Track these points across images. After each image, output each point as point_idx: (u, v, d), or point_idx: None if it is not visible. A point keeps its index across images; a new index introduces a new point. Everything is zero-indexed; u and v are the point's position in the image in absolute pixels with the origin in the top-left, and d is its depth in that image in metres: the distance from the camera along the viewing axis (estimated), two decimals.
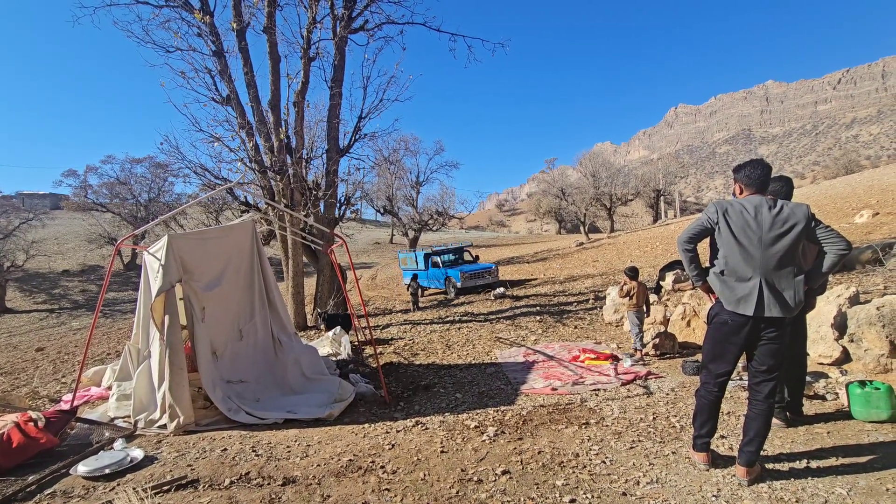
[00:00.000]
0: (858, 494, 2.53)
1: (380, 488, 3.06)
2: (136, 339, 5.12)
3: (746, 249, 2.70)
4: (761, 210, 2.70)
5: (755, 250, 2.69)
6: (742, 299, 2.71)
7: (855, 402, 3.50)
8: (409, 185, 30.17)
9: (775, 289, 2.68)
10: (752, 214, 2.71)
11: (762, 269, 2.69)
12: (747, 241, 2.70)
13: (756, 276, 2.69)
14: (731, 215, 2.75)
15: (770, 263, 2.68)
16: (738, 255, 2.72)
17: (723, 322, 2.80)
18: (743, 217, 2.72)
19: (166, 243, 4.59)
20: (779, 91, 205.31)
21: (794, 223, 2.66)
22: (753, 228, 2.69)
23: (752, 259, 2.70)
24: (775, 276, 2.69)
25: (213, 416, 4.59)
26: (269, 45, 9.42)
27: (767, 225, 2.67)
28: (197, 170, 9.80)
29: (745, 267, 2.71)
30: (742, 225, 2.71)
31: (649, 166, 47.96)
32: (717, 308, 2.85)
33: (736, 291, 2.73)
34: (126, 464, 3.52)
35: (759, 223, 2.69)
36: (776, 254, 2.68)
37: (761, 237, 2.68)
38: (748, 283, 2.70)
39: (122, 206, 29.90)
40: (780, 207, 2.70)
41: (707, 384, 2.93)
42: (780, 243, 2.66)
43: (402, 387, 5.57)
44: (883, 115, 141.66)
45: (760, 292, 2.67)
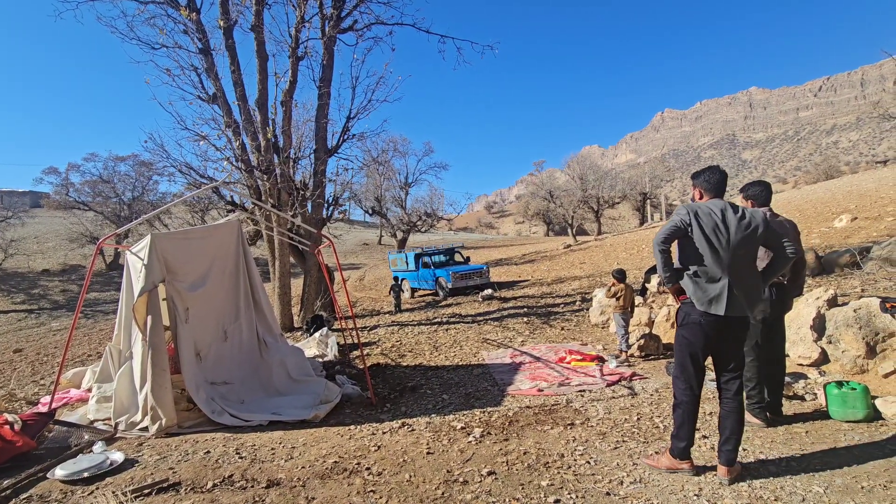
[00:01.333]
0: (835, 492, 2.59)
1: (365, 490, 3.04)
2: (117, 340, 5.02)
3: (717, 251, 2.80)
4: (727, 213, 2.83)
5: (724, 252, 2.80)
6: (714, 300, 2.79)
7: (832, 403, 3.58)
8: (397, 186, 30.07)
9: (741, 289, 2.81)
10: (719, 217, 2.82)
11: (729, 270, 2.80)
12: (717, 243, 2.80)
13: (725, 276, 2.80)
14: (702, 217, 2.84)
15: (736, 265, 2.81)
16: (710, 257, 2.81)
17: (695, 322, 2.86)
18: (712, 219, 2.82)
19: (149, 243, 4.52)
20: (762, 97, 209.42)
21: (756, 226, 2.83)
22: (722, 231, 2.80)
23: (721, 260, 2.80)
24: (740, 277, 2.82)
25: (197, 419, 4.52)
26: (257, 44, 9.35)
27: (734, 228, 2.80)
28: (182, 168, 9.68)
29: (716, 268, 2.81)
30: (712, 227, 2.81)
31: (636, 170, 48.54)
32: (688, 309, 2.91)
33: (708, 292, 2.81)
34: (106, 467, 3.45)
35: (727, 226, 2.81)
36: (742, 256, 2.83)
37: (729, 239, 2.80)
38: (718, 283, 2.80)
39: (104, 204, 29.28)
40: (742, 212, 2.86)
41: (687, 388, 2.94)
42: (746, 246, 2.82)
43: (388, 388, 5.55)
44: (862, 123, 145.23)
45: (730, 292, 2.78)
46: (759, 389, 3.62)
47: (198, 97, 9.25)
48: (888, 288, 5.93)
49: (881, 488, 2.58)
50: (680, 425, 2.93)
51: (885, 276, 6.72)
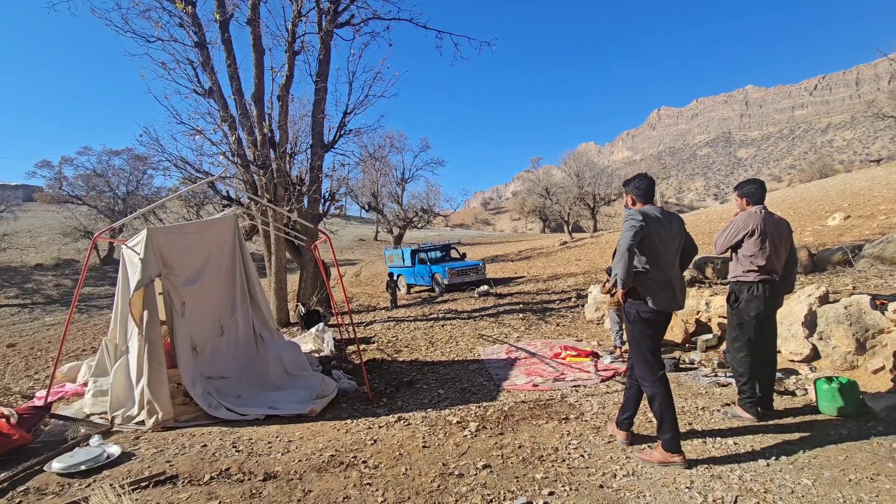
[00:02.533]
0: (823, 485, 2.64)
1: (361, 483, 3.07)
2: (113, 335, 5.02)
3: (664, 252, 3.05)
4: (664, 217, 3.10)
5: (667, 254, 3.07)
6: (665, 297, 3.06)
7: (822, 398, 3.63)
8: (394, 182, 30.04)
9: (678, 285, 3.13)
10: (661, 220, 3.07)
11: (670, 269, 3.09)
12: (662, 245, 3.05)
13: (668, 275, 3.08)
14: (651, 222, 3.03)
15: (674, 264, 3.14)
16: (660, 258, 3.05)
17: (648, 319, 3.08)
18: (660, 224, 3.05)
19: (145, 237, 4.51)
20: (758, 95, 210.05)
21: (682, 227, 3.18)
22: (666, 234, 3.06)
23: (665, 261, 3.06)
24: (676, 274, 3.15)
25: (193, 413, 4.53)
26: (253, 38, 9.30)
27: (675, 230, 3.10)
28: (178, 163, 9.63)
29: (664, 267, 3.06)
30: (659, 230, 3.05)
31: (632, 167, 48.68)
32: (638, 307, 3.09)
33: (659, 291, 3.05)
34: (102, 460, 3.46)
35: (668, 229, 3.07)
36: (676, 255, 3.15)
37: (671, 241, 3.08)
38: (666, 282, 3.07)
39: (98, 198, 29.05)
40: (669, 219, 3.13)
41: (657, 379, 3.07)
42: (678, 245, 3.15)
43: (384, 383, 5.57)
44: (856, 122, 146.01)
45: (674, 290, 3.09)
46: (751, 385, 3.67)
47: (193, 91, 9.19)
48: (879, 286, 6.00)
49: (868, 481, 2.63)
50: (661, 418, 3.03)
51: (877, 274, 6.80)
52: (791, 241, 3.73)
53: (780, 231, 3.64)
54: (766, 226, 3.57)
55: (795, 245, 3.87)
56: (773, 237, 3.58)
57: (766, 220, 3.59)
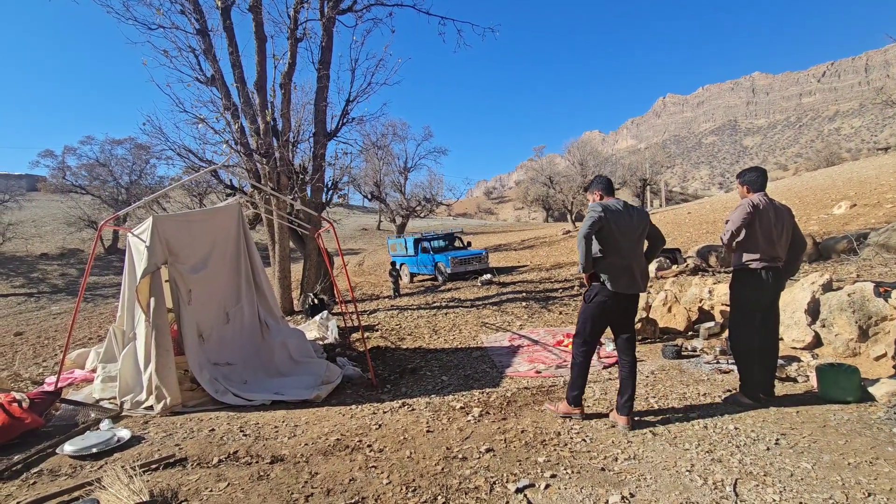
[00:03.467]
0: (822, 468, 2.67)
1: (367, 466, 3.13)
2: (121, 321, 5.08)
3: (624, 241, 3.39)
4: (626, 209, 3.46)
5: (628, 242, 3.41)
6: (622, 281, 3.40)
7: (824, 384, 3.66)
8: (396, 171, 29.93)
9: (639, 270, 3.47)
10: (622, 212, 3.42)
11: (631, 256, 3.43)
12: (623, 235, 3.39)
13: (629, 261, 3.41)
14: (612, 213, 3.39)
15: (635, 251, 3.47)
16: (619, 246, 3.39)
17: (602, 301, 3.45)
18: (620, 215, 3.41)
19: (151, 225, 4.55)
20: (765, 83, 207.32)
21: (645, 218, 3.53)
22: (627, 224, 3.41)
23: (626, 248, 3.40)
24: (638, 260, 3.48)
25: (200, 398, 4.60)
26: (255, 25, 9.23)
27: (633, 220, 3.43)
28: (181, 151, 9.63)
29: (624, 255, 3.40)
30: (620, 222, 3.39)
31: (636, 156, 48.33)
32: (598, 289, 3.47)
33: (618, 275, 3.40)
34: (113, 443, 3.53)
35: (628, 219, 3.42)
36: (638, 244, 3.50)
37: (631, 231, 3.42)
38: (625, 267, 3.41)
39: (102, 188, 29.10)
40: (632, 210, 3.49)
41: (583, 350, 3.58)
42: (640, 235, 3.49)
43: (389, 370, 5.64)
44: (864, 109, 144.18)
45: (633, 274, 3.42)
46: (752, 372, 3.69)
47: (196, 79, 9.16)
48: (884, 274, 5.99)
49: (867, 464, 2.66)
50: (576, 378, 3.62)
51: (881, 262, 6.79)
52: (794, 226, 3.73)
53: (782, 218, 3.65)
54: (766, 213, 3.57)
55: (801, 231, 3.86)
56: (774, 224, 3.59)
57: (766, 207, 3.59)
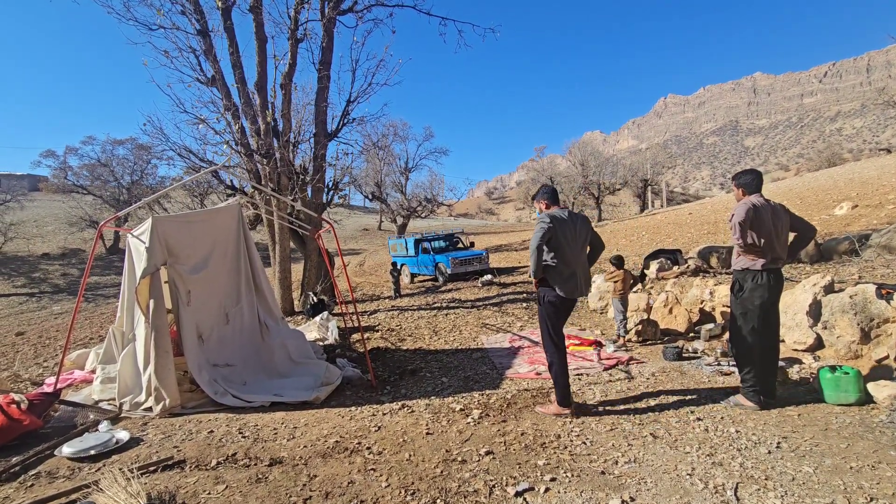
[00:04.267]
0: (824, 472, 2.65)
1: (366, 468, 3.11)
2: (120, 322, 5.07)
3: (570, 249, 3.66)
4: (570, 218, 3.71)
5: (573, 249, 3.68)
6: (569, 286, 3.68)
7: (825, 387, 3.63)
8: (397, 172, 29.96)
9: (583, 275, 3.77)
10: (567, 221, 3.68)
11: (577, 262, 3.70)
12: (568, 243, 3.65)
13: (574, 268, 3.69)
14: (559, 223, 3.64)
15: (580, 258, 3.76)
16: (567, 254, 3.66)
17: (552, 303, 3.73)
18: (565, 224, 3.66)
19: (151, 226, 4.54)
20: (766, 83, 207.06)
21: (588, 227, 3.80)
22: (572, 233, 3.68)
23: (571, 256, 3.67)
24: (583, 267, 3.77)
25: (200, 400, 4.59)
26: (256, 25, 9.23)
27: (577, 228, 3.71)
28: (181, 152, 9.63)
29: (570, 261, 3.68)
30: (566, 230, 3.66)
31: (638, 156, 48.23)
32: (546, 292, 3.73)
33: (566, 280, 3.68)
34: (111, 445, 3.53)
35: (574, 229, 3.69)
36: (582, 251, 3.77)
37: (575, 238, 3.69)
38: (571, 274, 3.69)
39: (103, 188, 29.14)
40: (576, 219, 3.74)
41: (556, 350, 3.78)
42: (583, 241, 3.77)
43: (388, 371, 5.62)
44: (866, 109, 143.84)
45: (578, 280, 3.71)
46: (754, 374, 3.68)
47: (196, 80, 9.15)
48: (886, 275, 5.96)
49: (869, 468, 2.64)
50: (556, 380, 3.78)
51: (883, 263, 6.75)
52: (792, 219, 3.74)
53: (779, 216, 3.66)
54: (765, 214, 3.58)
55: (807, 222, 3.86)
56: (773, 225, 3.60)
57: (764, 208, 3.60)
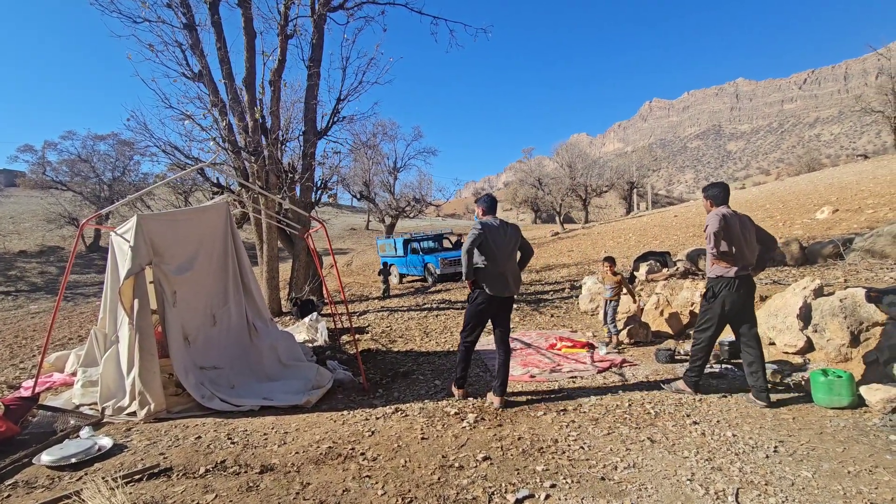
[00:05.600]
0: (823, 477, 2.66)
1: (361, 475, 3.04)
2: (102, 324, 4.90)
3: (500, 253, 4.05)
4: (501, 226, 4.12)
5: (503, 253, 4.06)
6: (497, 285, 4.08)
7: (818, 390, 3.66)
8: (386, 171, 29.73)
9: (512, 277, 4.13)
10: (498, 228, 4.09)
11: (506, 265, 4.09)
12: (496, 247, 4.04)
13: (503, 269, 4.07)
14: (489, 230, 4.06)
15: (509, 261, 4.13)
16: (496, 256, 4.04)
17: (482, 302, 4.13)
18: (496, 231, 4.07)
19: (136, 224, 4.39)
20: (748, 89, 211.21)
21: (516, 232, 4.18)
22: (502, 239, 4.08)
23: (500, 258, 4.05)
24: (511, 268, 4.14)
25: (186, 404, 4.45)
26: (245, 21, 9.04)
27: (509, 236, 4.10)
28: (166, 148, 9.39)
29: (499, 264, 4.06)
30: (496, 237, 4.06)
31: (623, 159, 48.75)
32: (478, 292, 4.13)
33: (494, 281, 4.07)
34: (94, 452, 3.39)
35: (503, 234, 4.09)
36: (511, 255, 4.15)
37: (505, 244, 4.08)
38: (500, 274, 4.07)
39: (83, 184, 28.36)
40: (506, 227, 4.14)
41: (467, 342, 4.30)
42: (512, 247, 4.13)
43: (380, 374, 5.53)
44: (843, 116, 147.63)
45: (507, 280, 4.09)
46: (701, 365, 4.08)
47: (182, 75, 8.94)
48: (870, 279, 6.07)
49: (867, 473, 2.65)
50: (460, 362, 4.38)
51: (867, 267, 6.88)
52: (757, 229, 3.99)
53: (746, 226, 3.93)
54: (734, 224, 3.83)
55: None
56: (741, 233, 3.86)
57: (732, 218, 3.84)
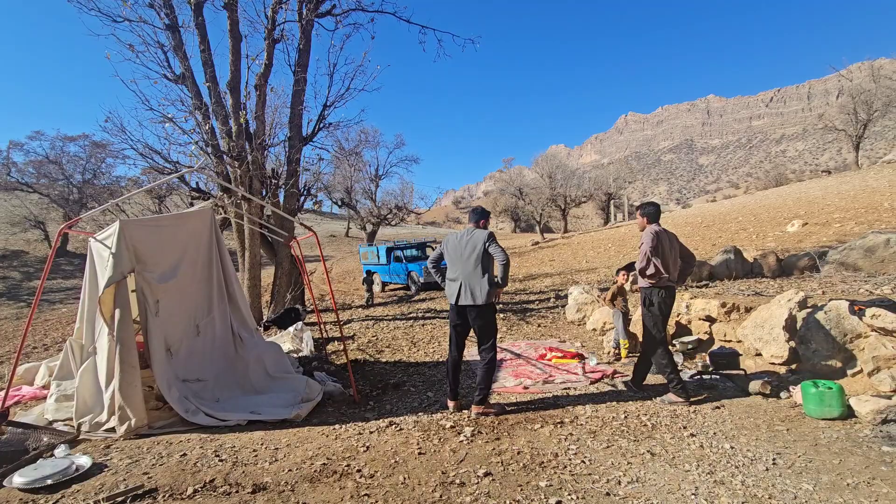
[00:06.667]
0: (823, 489, 2.69)
1: (359, 493, 2.93)
2: (79, 334, 4.65)
3: (455, 262, 4.22)
4: (465, 235, 4.24)
5: (458, 261, 4.19)
6: (450, 291, 4.25)
7: (809, 401, 3.73)
8: (368, 178, 29.54)
9: (466, 285, 4.12)
10: (460, 239, 4.25)
11: (461, 272, 4.16)
12: (452, 256, 4.26)
13: (457, 277, 4.18)
14: (449, 242, 4.35)
15: (465, 268, 4.15)
16: (451, 267, 4.27)
17: (450, 309, 4.36)
18: (455, 241, 4.29)
19: (118, 230, 4.20)
20: (719, 105, 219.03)
21: (476, 244, 4.13)
22: (456, 247, 4.24)
23: (455, 266, 4.21)
24: (469, 277, 4.12)
25: (168, 418, 4.25)
26: (230, 23, 8.87)
27: (463, 245, 4.19)
28: (144, 151, 9.10)
29: (453, 271, 4.24)
30: (454, 247, 4.27)
31: (601, 170, 49.69)
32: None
33: (451, 290, 4.23)
34: (71, 473, 3.18)
35: (461, 244, 4.22)
36: (468, 262, 4.13)
37: (461, 253, 4.18)
38: (453, 280, 4.22)
39: (51, 186, 27.27)
40: (471, 234, 4.20)
41: (450, 353, 4.45)
42: (472, 256, 4.12)
43: (370, 385, 5.41)
44: (807, 134, 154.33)
45: (462, 289, 4.13)
46: (678, 372, 4.31)
47: (164, 76, 8.71)
48: (845, 290, 6.27)
49: (865, 485, 2.70)
50: (446, 375, 4.48)
51: (842, 279, 7.11)
52: (681, 247, 4.50)
53: (673, 243, 4.40)
54: (665, 240, 4.31)
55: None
56: (669, 249, 4.33)
57: (663, 235, 4.32)
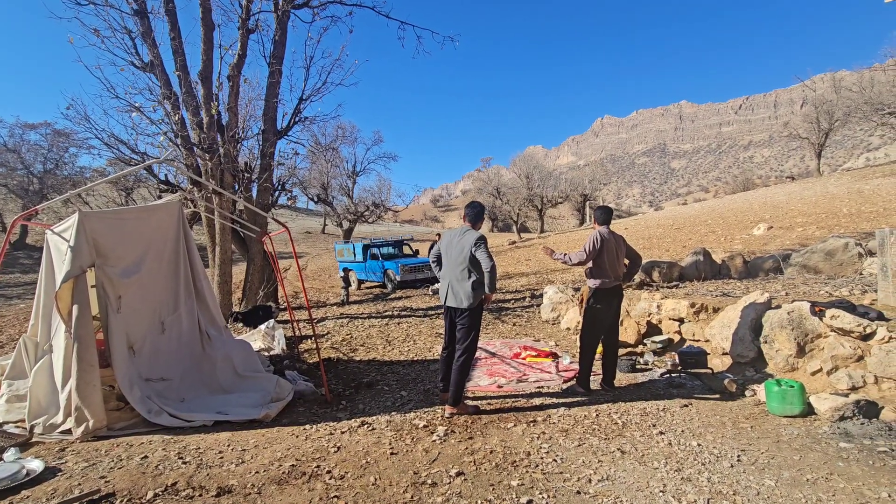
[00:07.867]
0: (784, 485, 2.77)
1: (328, 496, 2.87)
2: (34, 332, 4.42)
3: (446, 260, 4.22)
4: (457, 234, 4.18)
5: (448, 261, 4.18)
6: (441, 293, 4.27)
7: (772, 399, 3.85)
8: (345, 175, 29.23)
9: (453, 288, 4.09)
10: (452, 237, 4.20)
11: (450, 272, 4.14)
12: (444, 255, 4.25)
13: (448, 278, 4.17)
14: (443, 239, 4.32)
15: (453, 269, 4.10)
16: (444, 264, 4.26)
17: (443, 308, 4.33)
18: (448, 239, 4.24)
19: (77, 222, 4.00)
20: (691, 111, 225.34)
21: (464, 246, 4.02)
22: (448, 246, 4.20)
23: (446, 266, 4.21)
24: (456, 279, 4.08)
25: (130, 419, 4.08)
26: (203, 11, 8.59)
27: (454, 245, 4.12)
28: (109, 141, 8.74)
29: (445, 271, 4.23)
30: (446, 245, 4.23)
31: (577, 172, 50.40)
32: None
33: (443, 289, 4.24)
34: (21, 478, 3.01)
35: (451, 244, 4.16)
36: (456, 263, 4.08)
37: (451, 251, 4.14)
38: (444, 282, 4.22)
39: (9, 176, 26.02)
40: (462, 235, 4.10)
41: (445, 347, 4.42)
42: (459, 257, 4.05)
43: (343, 384, 5.33)
44: (773, 141, 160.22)
45: (448, 289, 4.13)
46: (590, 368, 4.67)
47: (131, 64, 8.39)
48: (807, 292, 6.51)
49: (823, 480, 2.79)
50: (439, 370, 4.48)
51: (804, 281, 7.39)
52: (628, 248, 4.73)
53: (619, 245, 4.61)
54: (610, 243, 4.53)
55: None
56: (616, 251, 4.55)
57: (609, 238, 4.54)
